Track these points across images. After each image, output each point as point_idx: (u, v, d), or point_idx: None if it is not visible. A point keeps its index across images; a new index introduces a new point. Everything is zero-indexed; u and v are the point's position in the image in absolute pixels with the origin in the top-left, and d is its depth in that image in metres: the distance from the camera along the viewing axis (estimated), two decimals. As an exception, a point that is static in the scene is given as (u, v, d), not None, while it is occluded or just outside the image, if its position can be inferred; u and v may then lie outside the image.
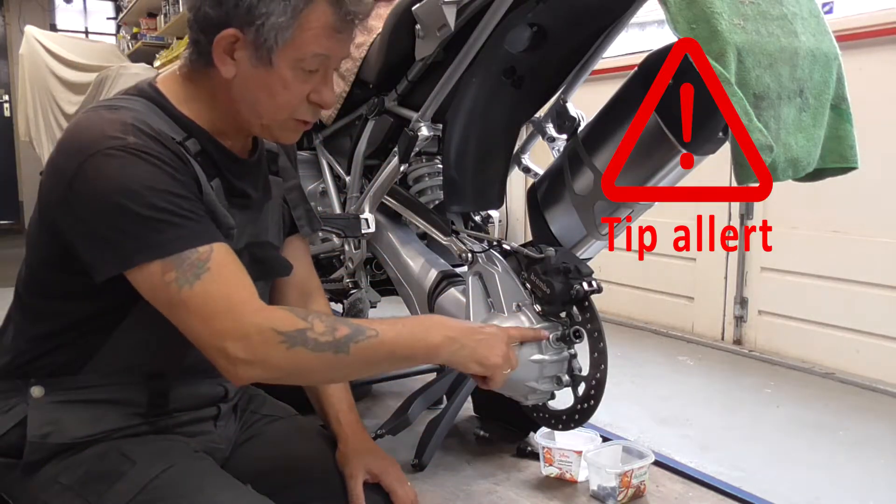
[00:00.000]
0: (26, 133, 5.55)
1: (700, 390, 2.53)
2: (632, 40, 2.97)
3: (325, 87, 1.03)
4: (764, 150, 0.99)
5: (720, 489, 1.71)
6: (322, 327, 0.95)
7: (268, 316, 0.94)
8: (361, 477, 1.14)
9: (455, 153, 1.45)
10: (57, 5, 8.04)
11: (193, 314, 0.93)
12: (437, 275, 1.52)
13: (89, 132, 0.94)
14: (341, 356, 0.95)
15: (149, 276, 0.92)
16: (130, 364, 1.04)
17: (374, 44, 1.62)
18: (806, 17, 1.10)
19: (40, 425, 1.00)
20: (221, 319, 0.92)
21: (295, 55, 0.98)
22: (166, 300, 0.93)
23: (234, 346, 0.91)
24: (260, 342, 0.92)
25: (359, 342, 0.96)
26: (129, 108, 0.99)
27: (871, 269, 2.51)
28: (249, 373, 0.93)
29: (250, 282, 0.97)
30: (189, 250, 0.92)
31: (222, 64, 0.99)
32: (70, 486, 0.99)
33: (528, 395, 1.27)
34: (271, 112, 1.03)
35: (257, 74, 0.99)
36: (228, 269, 0.95)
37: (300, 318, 0.96)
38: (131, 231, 0.91)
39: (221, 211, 1.02)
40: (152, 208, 0.91)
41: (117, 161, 0.91)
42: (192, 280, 0.92)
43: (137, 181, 0.91)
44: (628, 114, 1.25)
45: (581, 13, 1.38)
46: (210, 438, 1.13)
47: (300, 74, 1.00)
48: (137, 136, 0.94)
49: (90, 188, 0.92)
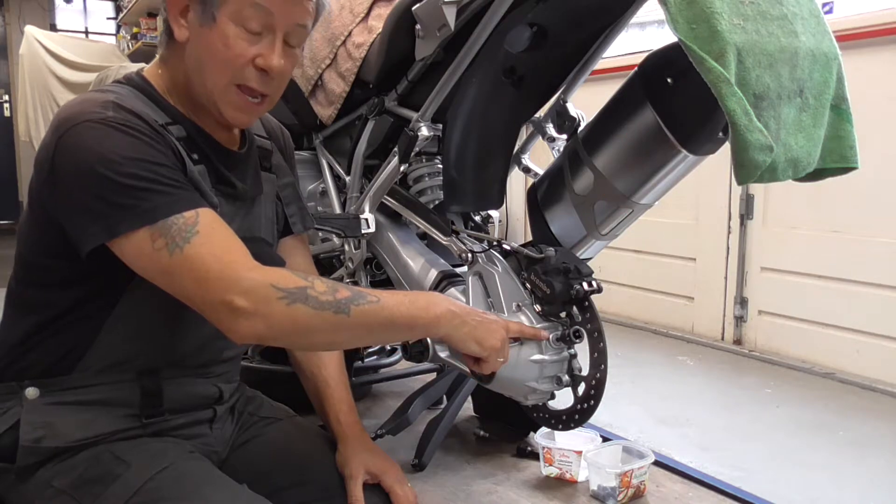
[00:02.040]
0: (26, 133, 5.56)
1: (700, 390, 2.53)
2: (632, 40, 2.97)
3: (271, 52, 1.01)
4: (764, 150, 0.99)
5: (720, 489, 1.71)
6: (323, 287, 0.95)
7: (265, 272, 0.93)
8: (361, 477, 1.14)
9: (455, 153, 1.45)
10: (57, 5, 8.04)
11: (187, 277, 0.92)
12: (437, 275, 1.52)
13: (70, 110, 0.96)
14: (342, 317, 0.94)
15: (136, 244, 0.92)
16: (122, 358, 1.04)
17: (374, 44, 1.62)
18: (806, 17, 1.10)
19: (33, 429, 1.00)
20: (217, 279, 0.91)
21: (233, 7, 0.98)
22: (158, 267, 0.92)
23: (233, 300, 0.90)
24: (259, 297, 0.90)
25: (360, 305, 0.95)
26: (114, 91, 1.00)
27: (871, 269, 2.51)
28: (251, 327, 0.91)
29: (242, 244, 0.96)
30: (175, 216, 0.92)
31: (176, 26, 1.00)
32: (64, 490, 0.98)
33: (528, 395, 1.27)
34: (214, 74, 1.01)
35: (203, 34, 0.99)
36: (218, 231, 0.95)
37: (300, 277, 0.95)
38: (114, 200, 0.91)
39: (206, 189, 1.01)
40: (133, 177, 0.91)
41: (96, 132, 0.92)
42: (182, 244, 0.91)
43: (117, 151, 0.91)
44: (628, 114, 1.25)
45: (581, 13, 1.38)
46: (206, 441, 1.12)
47: (242, 33, 0.99)
48: (117, 111, 0.94)
49: (70, 160, 0.93)
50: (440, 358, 1.46)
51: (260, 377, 1.92)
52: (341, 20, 1.69)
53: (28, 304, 1.05)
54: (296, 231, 1.28)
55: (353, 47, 1.66)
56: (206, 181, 1.04)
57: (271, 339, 0.96)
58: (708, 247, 3.06)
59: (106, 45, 6.43)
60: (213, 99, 1.03)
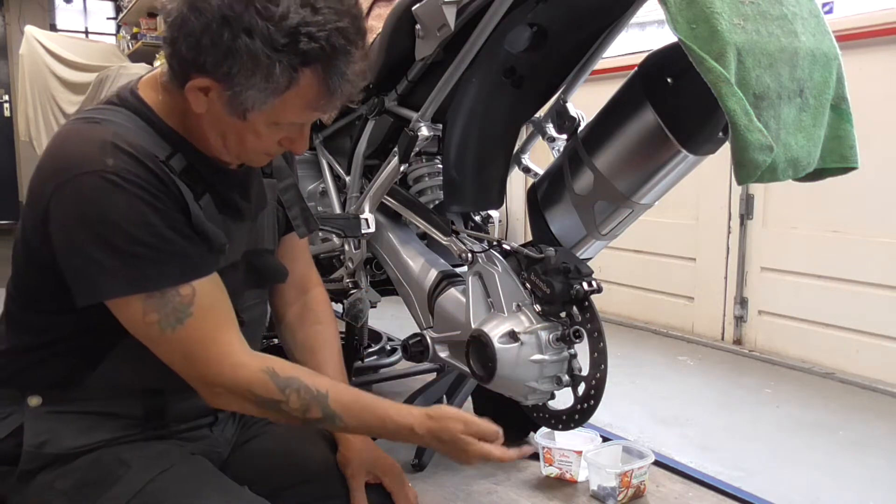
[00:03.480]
0: (26, 133, 5.55)
1: (700, 390, 2.53)
2: (632, 40, 2.97)
3: (300, 138, 0.99)
4: (764, 150, 0.99)
5: (720, 489, 1.71)
6: (297, 404, 0.99)
7: (246, 377, 0.97)
8: (363, 478, 1.14)
9: (455, 153, 1.45)
10: (57, 5, 8.03)
11: (176, 353, 0.96)
12: (437, 275, 1.52)
13: (66, 152, 0.92)
14: (308, 427, 1.07)
15: (128, 311, 0.92)
16: (125, 382, 1.03)
17: (374, 44, 1.62)
18: (806, 17, 1.10)
19: (36, 434, 1.00)
20: (204, 363, 0.96)
21: (271, 119, 0.94)
22: (146, 337, 0.95)
23: (213, 385, 0.97)
24: (236, 396, 0.98)
25: (328, 426, 1.04)
26: (110, 120, 0.94)
27: (871, 269, 2.51)
28: (222, 405, 1.02)
29: (234, 323, 0.99)
30: (171, 290, 0.92)
31: (194, 99, 0.93)
32: (65, 492, 0.99)
33: (528, 395, 1.27)
34: (238, 150, 0.99)
35: (229, 121, 0.94)
36: (211, 313, 0.96)
37: (279, 388, 0.98)
38: (109, 265, 0.89)
39: (212, 229, 0.98)
40: (132, 241, 0.89)
41: (94, 188, 0.88)
42: (175, 325, 0.92)
43: (115, 212, 0.88)
44: (628, 114, 1.25)
45: (581, 13, 1.38)
46: (207, 442, 1.13)
47: (274, 129, 0.96)
48: (116, 157, 0.89)
49: (65, 215, 0.90)
50: (440, 358, 1.46)
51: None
52: (341, 20, 1.69)
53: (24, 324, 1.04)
54: (300, 234, 1.25)
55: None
56: (213, 211, 1.01)
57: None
58: (708, 247, 3.06)
59: (106, 45, 6.42)
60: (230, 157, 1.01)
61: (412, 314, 1.60)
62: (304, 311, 1.24)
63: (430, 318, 1.51)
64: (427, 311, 1.53)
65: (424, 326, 1.53)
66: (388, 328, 2.70)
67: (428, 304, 1.52)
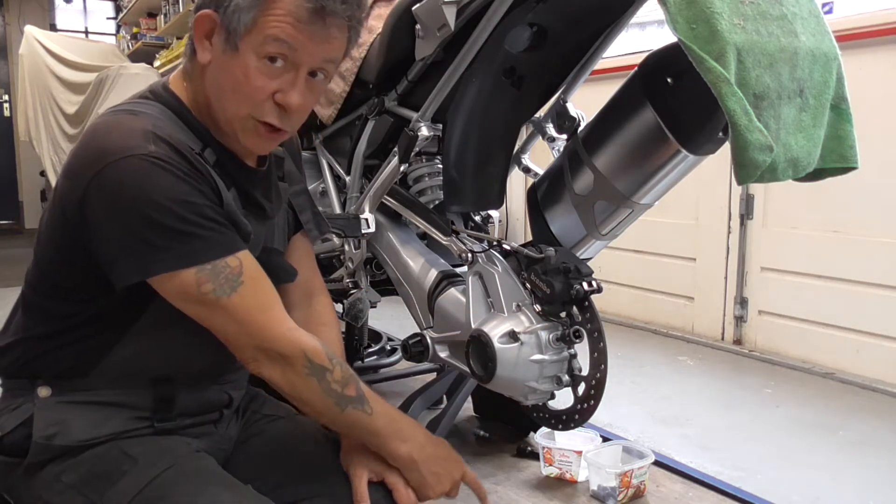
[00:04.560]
0: (26, 133, 5.55)
1: (700, 390, 2.53)
2: (632, 40, 2.97)
3: (292, 89, 0.98)
4: (764, 150, 0.99)
5: (720, 489, 1.71)
6: (340, 376, 1.01)
7: (302, 338, 1.00)
8: (366, 475, 1.14)
9: (455, 153, 1.45)
10: (57, 5, 8.04)
11: (230, 321, 0.97)
12: (437, 275, 1.52)
13: (109, 137, 0.94)
14: (335, 410, 1.02)
15: (180, 284, 0.94)
16: (137, 369, 1.04)
17: (374, 44, 1.62)
18: (806, 17, 1.10)
19: (46, 426, 1.00)
20: (260, 329, 0.97)
21: (257, 39, 0.95)
22: (202, 307, 0.96)
23: (269, 351, 0.98)
24: (290, 360, 0.99)
25: (356, 409, 1.03)
26: (147, 113, 0.98)
27: (871, 269, 2.51)
28: (268, 373, 1.00)
29: (277, 295, 1.01)
30: (220, 261, 0.94)
31: (201, 48, 0.98)
32: (72, 485, 0.99)
33: (528, 394, 1.27)
34: (233, 104, 0.99)
35: (224, 60, 0.97)
36: (261, 282, 0.99)
37: (328, 357, 1.01)
38: (156, 242, 0.91)
39: (241, 219, 1.02)
40: (179, 219, 0.91)
41: (138, 170, 0.91)
42: (230, 292, 0.95)
43: (160, 191, 0.91)
44: (628, 114, 1.25)
45: (581, 13, 1.38)
46: (212, 439, 1.13)
47: (264, 66, 0.96)
48: (157, 144, 0.93)
49: (110, 195, 0.91)
50: (440, 358, 1.47)
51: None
52: (341, 20, 1.69)
53: (46, 312, 1.05)
54: (312, 237, 1.28)
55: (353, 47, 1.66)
56: (238, 205, 1.03)
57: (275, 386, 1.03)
58: (708, 247, 3.06)
59: (106, 45, 6.42)
60: (231, 127, 1.01)
61: (412, 314, 1.60)
62: (309, 314, 1.25)
63: (430, 318, 1.51)
64: (427, 311, 1.53)
65: (424, 326, 1.53)
66: (388, 328, 2.70)
67: (428, 304, 1.52)
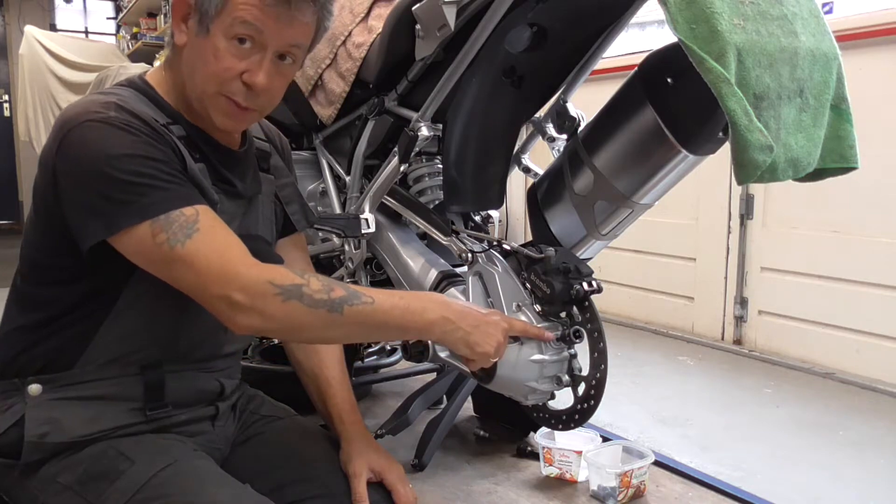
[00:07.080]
0: (26, 133, 5.56)
1: (700, 390, 2.53)
2: (632, 40, 2.97)
3: (259, 70, 1.01)
4: (764, 150, 0.99)
5: (720, 489, 1.71)
6: (318, 285, 0.98)
7: (263, 269, 0.97)
8: (365, 476, 1.14)
9: (455, 153, 1.45)
10: (57, 5, 8.04)
11: (188, 271, 0.95)
12: (437, 275, 1.52)
13: (72, 110, 0.99)
14: (335, 316, 0.97)
15: (138, 238, 0.95)
16: (123, 353, 1.05)
17: (374, 44, 1.62)
18: (806, 17, 1.10)
19: (38, 425, 1.00)
20: (217, 274, 0.95)
21: (226, 21, 0.99)
22: (159, 259, 0.96)
23: (231, 294, 0.94)
24: (256, 293, 0.95)
25: (353, 305, 0.98)
26: (116, 93, 1.03)
27: (871, 269, 2.51)
28: (247, 321, 0.96)
29: (240, 242, 0.99)
30: (175, 211, 0.95)
31: (178, 31, 1.04)
32: (69, 486, 0.99)
33: (528, 395, 1.27)
34: (202, 82, 1.03)
35: (198, 43, 1.02)
36: (218, 229, 0.98)
37: (297, 274, 0.99)
38: (115, 196, 0.94)
39: (207, 187, 1.04)
40: (134, 174, 0.94)
41: (98, 131, 0.95)
42: (184, 239, 0.94)
43: (118, 148, 0.94)
44: (628, 114, 1.25)
45: (581, 13, 1.37)
46: (208, 438, 1.13)
47: (233, 47, 1.00)
48: (119, 112, 0.97)
49: (72, 158, 0.95)
50: (440, 358, 1.46)
51: (261, 377, 1.92)
52: (341, 20, 1.69)
53: (33, 301, 1.07)
54: (299, 227, 1.30)
55: (353, 47, 1.66)
56: (206, 179, 1.06)
57: (267, 332, 1.02)
58: (708, 247, 3.06)
59: (106, 45, 6.43)
60: (203, 104, 1.05)
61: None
62: None
63: (430, 318, 1.51)
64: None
65: (424, 326, 1.53)
66: (388, 328, 2.69)
67: (428, 304, 1.52)
